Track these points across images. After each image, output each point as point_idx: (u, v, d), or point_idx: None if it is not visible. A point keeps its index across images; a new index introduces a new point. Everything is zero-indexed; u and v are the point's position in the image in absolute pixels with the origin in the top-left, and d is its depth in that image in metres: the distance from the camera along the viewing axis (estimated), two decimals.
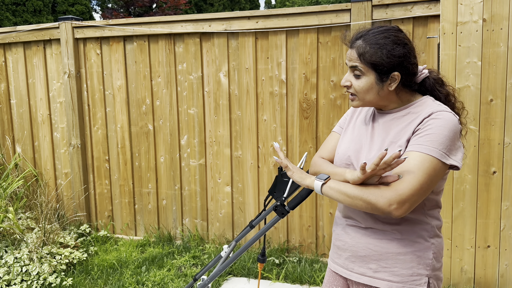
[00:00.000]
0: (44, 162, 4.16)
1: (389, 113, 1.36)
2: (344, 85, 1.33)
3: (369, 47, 1.27)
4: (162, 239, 3.81)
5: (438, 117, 1.22)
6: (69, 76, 3.88)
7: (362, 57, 1.28)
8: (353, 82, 1.32)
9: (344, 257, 1.40)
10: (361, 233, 1.35)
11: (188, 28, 3.53)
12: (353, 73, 1.31)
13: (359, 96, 1.32)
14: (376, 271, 1.32)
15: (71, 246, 3.51)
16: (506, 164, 2.75)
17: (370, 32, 1.30)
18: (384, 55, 1.25)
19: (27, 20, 13.03)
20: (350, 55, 1.32)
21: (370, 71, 1.28)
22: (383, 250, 1.31)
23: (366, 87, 1.30)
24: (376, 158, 1.13)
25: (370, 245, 1.33)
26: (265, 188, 3.56)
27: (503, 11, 2.66)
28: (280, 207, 1.43)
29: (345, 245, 1.40)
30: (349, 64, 1.32)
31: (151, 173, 3.84)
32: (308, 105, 3.34)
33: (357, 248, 1.36)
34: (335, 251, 1.45)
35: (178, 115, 3.70)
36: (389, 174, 1.20)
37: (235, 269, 3.26)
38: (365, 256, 1.34)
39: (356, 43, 1.30)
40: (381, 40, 1.27)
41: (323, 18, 3.19)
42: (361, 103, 1.34)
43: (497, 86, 2.71)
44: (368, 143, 1.36)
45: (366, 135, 1.38)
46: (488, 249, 2.84)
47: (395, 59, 1.26)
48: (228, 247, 1.82)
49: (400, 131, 1.29)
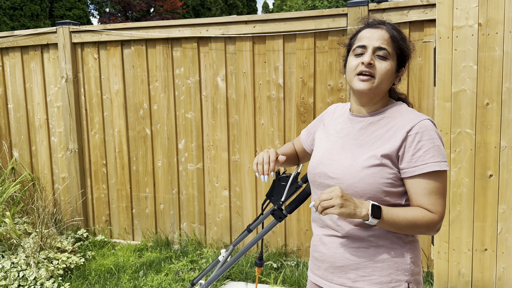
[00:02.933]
0: (41, 166, 4.15)
1: (365, 117, 1.34)
2: (368, 62, 1.25)
3: (398, 33, 1.29)
4: (159, 244, 3.80)
5: (425, 130, 1.24)
6: (67, 80, 3.88)
7: (394, 40, 1.26)
8: (376, 64, 1.26)
9: (323, 268, 1.38)
10: (338, 242, 1.33)
11: (186, 32, 3.54)
12: (375, 54, 1.26)
13: (378, 79, 1.26)
14: (355, 280, 1.30)
15: (68, 251, 3.50)
16: (503, 167, 2.76)
17: (388, 23, 1.33)
18: (409, 47, 1.31)
19: (25, 25, 13.03)
20: (378, 35, 1.26)
21: (394, 58, 1.28)
22: (360, 259, 1.29)
23: (389, 72, 1.27)
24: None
25: (347, 255, 1.31)
26: (262, 192, 3.56)
27: (499, 16, 2.68)
28: (277, 211, 1.44)
29: (323, 256, 1.37)
30: (376, 44, 1.26)
31: (149, 178, 3.84)
32: (306, 109, 3.35)
33: (335, 258, 1.34)
34: (313, 262, 1.42)
35: (176, 119, 3.70)
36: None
37: (233, 273, 3.26)
38: (343, 266, 1.32)
39: (386, 26, 1.29)
40: (402, 33, 1.32)
41: (320, 22, 3.21)
42: (375, 86, 1.27)
43: (493, 90, 2.73)
44: (341, 151, 1.34)
45: (338, 143, 1.37)
46: (486, 252, 2.84)
47: (409, 53, 1.33)
48: (225, 251, 1.82)
49: (377, 141, 1.28)
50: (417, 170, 1.22)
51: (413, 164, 1.23)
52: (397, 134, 1.25)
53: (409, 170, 1.24)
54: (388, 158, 1.24)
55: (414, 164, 1.23)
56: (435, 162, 1.22)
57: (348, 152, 1.32)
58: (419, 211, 1.23)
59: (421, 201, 1.24)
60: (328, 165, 1.34)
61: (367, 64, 1.25)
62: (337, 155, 1.34)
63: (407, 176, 1.24)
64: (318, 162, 1.38)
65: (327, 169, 1.34)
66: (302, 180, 1.66)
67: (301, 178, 1.67)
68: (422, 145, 1.22)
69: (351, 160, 1.29)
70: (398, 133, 1.25)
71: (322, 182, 1.36)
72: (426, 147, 1.22)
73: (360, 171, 1.26)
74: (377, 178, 1.24)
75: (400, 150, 1.24)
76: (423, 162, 1.22)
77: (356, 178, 1.26)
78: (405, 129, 1.24)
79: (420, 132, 1.23)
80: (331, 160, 1.34)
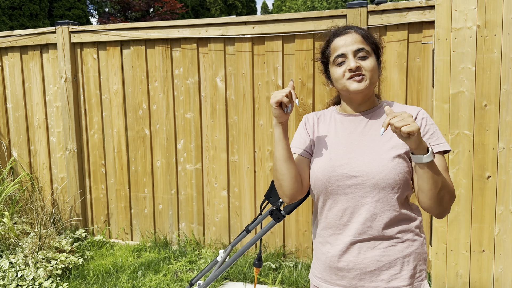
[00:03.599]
0: (40, 166, 4.15)
1: (366, 114, 1.38)
2: (355, 67, 1.29)
3: (365, 31, 1.35)
4: (158, 244, 3.80)
5: (427, 116, 1.33)
6: (66, 80, 3.88)
7: (366, 38, 1.33)
8: (362, 63, 1.31)
9: (350, 277, 1.33)
10: (366, 247, 1.30)
11: (185, 33, 3.54)
12: (356, 56, 1.31)
13: (369, 75, 1.31)
14: (389, 281, 1.29)
15: (66, 250, 3.49)
16: (501, 168, 2.77)
17: (353, 26, 1.40)
18: (379, 40, 1.37)
19: (24, 24, 13.02)
20: (351, 39, 1.32)
21: (372, 54, 1.34)
22: (390, 258, 1.29)
23: (375, 67, 1.33)
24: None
25: (378, 257, 1.29)
26: (261, 192, 3.57)
27: (497, 18, 2.69)
28: (276, 211, 1.44)
29: (349, 264, 1.32)
30: (354, 48, 1.31)
31: (148, 178, 3.84)
32: (305, 110, 3.36)
33: (365, 264, 1.30)
34: (334, 273, 1.36)
35: (175, 120, 3.71)
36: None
37: (231, 273, 3.26)
38: (375, 269, 1.30)
39: (353, 29, 1.35)
40: (367, 30, 1.39)
41: (319, 24, 3.22)
42: (369, 83, 1.31)
43: (491, 91, 2.73)
44: (352, 149, 1.32)
45: (342, 143, 1.34)
46: (483, 253, 2.85)
47: (381, 47, 1.39)
48: (224, 251, 1.82)
49: (389, 132, 1.33)
50: (434, 149, 1.29)
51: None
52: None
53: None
54: (406, 147, 1.29)
55: (430, 144, 1.30)
56: (442, 142, 1.30)
57: (362, 148, 1.31)
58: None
59: None
60: (345, 165, 1.30)
61: (355, 68, 1.30)
62: (349, 153, 1.31)
63: None
64: (329, 166, 1.32)
65: (345, 170, 1.29)
66: None
67: None
68: (428, 129, 1.31)
69: (372, 154, 1.28)
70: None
71: (342, 184, 1.30)
72: (432, 130, 1.31)
73: (388, 162, 1.26)
74: (403, 167, 1.27)
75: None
76: (433, 143, 1.30)
77: (386, 170, 1.25)
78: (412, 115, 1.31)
79: (424, 117, 1.32)
80: (345, 160, 1.30)
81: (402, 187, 1.27)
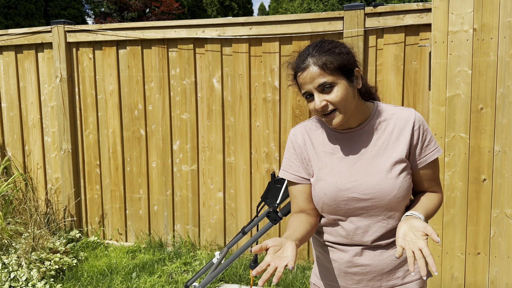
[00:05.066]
0: (34, 166, 4.12)
1: (360, 129, 1.31)
2: (321, 107, 1.22)
3: (326, 56, 1.22)
4: (153, 245, 3.78)
5: (422, 121, 1.33)
6: (61, 80, 3.85)
7: (326, 67, 1.21)
8: (327, 98, 1.22)
9: (367, 279, 1.34)
10: (380, 249, 1.32)
11: (182, 33, 3.53)
12: (322, 91, 1.23)
13: (341, 107, 1.23)
14: (404, 277, 1.34)
15: (60, 251, 3.46)
16: (496, 171, 2.78)
17: (311, 49, 1.26)
18: (343, 54, 1.24)
19: (19, 23, 12.94)
20: (310, 76, 1.22)
21: (339, 77, 1.22)
22: (404, 255, 1.34)
23: (345, 93, 1.22)
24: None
25: (392, 256, 1.33)
26: (257, 194, 3.56)
27: (493, 21, 2.70)
28: (272, 213, 1.43)
29: (366, 268, 1.33)
30: (315, 85, 1.22)
31: (143, 179, 3.82)
32: (301, 112, 3.35)
33: (382, 266, 1.32)
34: (349, 278, 1.35)
35: (171, 120, 3.69)
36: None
37: (227, 276, 3.25)
38: (392, 269, 1.33)
39: (312, 59, 1.23)
40: (327, 45, 1.25)
41: (316, 25, 3.21)
42: (344, 115, 1.24)
43: (487, 94, 2.74)
44: (356, 170, 1.29)
45: (344, 163, 1.31)
46: (478, 256, 2.85)
47: (350, 55, 1.26)
48: (219, 253, 1.81)
49: (387, 146, 1.29)
50: (428, 159, 1.31)
51: (423, 154, 1.31)
52: (404, 133, 1.30)
53: (421, 160, 1.31)
54: (406, 158, 1.30)
55: (424, 154, 1.31)
56: (437, 147, 1.33)
57: (366, 168, 1.29)
58: (433, 196, 1.34)
59: (429, 184, 1.34)
60: (352, 188, 1.27)
61: (322, 108, 1.23)
62: (354, 175, 1.29)
63: (421, 166, 1.32)
64: (336, 191, 1.28)
65: (353, 193, 1.27)
66: None
67: None
68: (426, 135, 1.31)
69: (378, 174, 1.26)
70: (404, 132, 1.30)
71: (353, 207, 1.28)
72: (429, 136, 1.32)
73: (394, 181, 1.26)
74: (408, 179, 1.29)
75: (411, 146, 1.30)
76: (431, 150, 1.32)
77: (396, 190, 1.26)
78: (408, 126, 1.30)
79: (421, 124, 1.31)
80: (351, 183, 1.28)
81: (408, 195, 1.31)
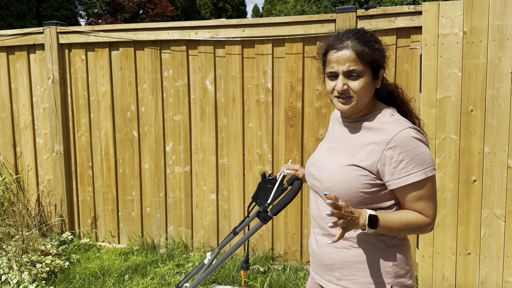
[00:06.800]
0: (25, 168, 4.09)
1: (354, 122, 1.38)
2: (341, 90, 1.27)
3: (364, 46, 1.27)
4: (145, 247, 3.77)
5: (405, 141, 1.24)
6: (53, 81, 3.84)
7: (362, 56, 1.25)
8: (350, 84, 1.27)
9: (315, 265, 1.47)
10: (325, 242, 1.40)
11: (175, 35, 3.53)
12: (348, 76, 1.27)
13: (357, 97, 1.28)
14: (339, 279, 1.36)
15: (52, 254, 3.44)
16: (486, 172, 2.81)
17: (352, 34, 1.30)
18: (379, 51, 1.30)
19: (11, 24, 12.85)
20: (345, 58, 1.26)
21: (367, 71, 1.28)
22: (342, 259, 1.35)
23: (366, 87, 1.28)
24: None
25: (332, 254, 1.37)
26: (250, 195, 3.56)
27: (483, 24, 2.73)
28: (263, 213, 1.44)
29: (314, 254, 1.46)
30: (344, 69, 1.27)
31: (135, 180, 3.81)
32: (294, 113, 3.37)
33: (322, 257, 1.41)
34: (311, 257, 1.52)
35: (164, 122, 3.69)
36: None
37: (220, 277, 3.25)
38: (329, 264, 1.39)
39: (351, 42, 1.27)
40: (370, 38, 1.30)
41: (308, 28, 3.23)
42: (355, 104, 1.30)
43: (477, 96, 2.78)
44: (327, 154, 1.43)
45: (327, 146, 1.46)
46: (469, 256, 2.88)
47: (383, 55, 1.32)
48: (211, 254, 1.81)
49: (358, 149, 1.31)
50: (402, 182, 1.25)
51: (396, 176, 1.25)
52: (376, 149, 1.27)
53: (393, 182, 1.26)
54: (365, 169, 1.28)
55: (397, 176, 1.25)
56: (419, 171, 1.23)
57: (332, 156, 1.39)
58: (413, 215, 1.27)
59: (412, 207, 1.27)
60: (315, 166, 1.43)
61: (341, 91, 1.28)
62: (323, 157, 1.43)
63: (393, 188, 1.27)
64: (309, 163, 1.48)
65: (313, 171, 1.43)
66: (288, 183, 1.66)
67: (286, 180, 1.68)
68: (403, 157, 1.24)
69: (332, 164, 1.36)
70: (376, 149, 1.27)
71: (311, 183, 1.45)
72: (408, 158, 1.23)
73: (336, 176, 1.32)
74: (353, 184, 1.28)
75: (378, 164, 1.26)
76: (407, 173, 1.24)
77: (333, 182, 1.32)
78: (383, 143, 1.26)
79: (399, 144, 1.24)
80: (317, 162, 1.44)
81: (351, 199, 1.28)
